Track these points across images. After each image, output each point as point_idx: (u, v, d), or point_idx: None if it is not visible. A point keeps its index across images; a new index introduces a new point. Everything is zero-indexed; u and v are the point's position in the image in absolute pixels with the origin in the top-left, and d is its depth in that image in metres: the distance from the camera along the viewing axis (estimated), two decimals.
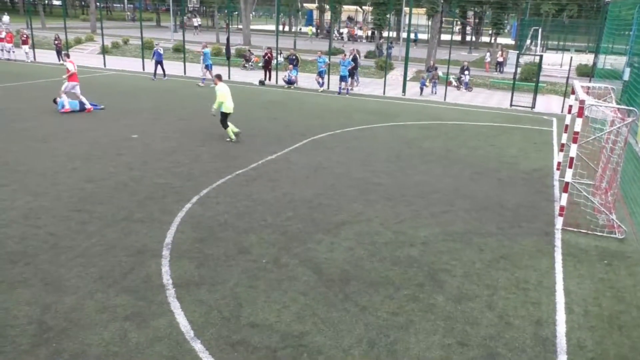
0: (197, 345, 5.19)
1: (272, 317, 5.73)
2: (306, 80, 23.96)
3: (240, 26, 50.47)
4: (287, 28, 65.05)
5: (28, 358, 4.91)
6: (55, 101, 15.80)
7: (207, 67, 22.53)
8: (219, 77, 13.44)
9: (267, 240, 7.65)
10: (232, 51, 29.41)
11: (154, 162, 11.06)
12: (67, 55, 17.24)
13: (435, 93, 22.98)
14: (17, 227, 7.64)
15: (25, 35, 29.35)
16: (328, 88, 22.78)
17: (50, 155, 11.20)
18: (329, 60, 23.48)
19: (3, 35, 29.11)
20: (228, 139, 13.15)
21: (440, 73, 24.67)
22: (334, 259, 7.15)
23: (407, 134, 15.02)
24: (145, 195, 9.12)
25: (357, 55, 24.17)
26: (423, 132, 15.38)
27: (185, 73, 25.88)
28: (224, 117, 13.11)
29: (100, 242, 7.30)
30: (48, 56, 29.48)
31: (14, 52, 28.98)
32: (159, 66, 23.58)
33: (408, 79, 24.32)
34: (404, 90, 22.78)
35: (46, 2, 76.54)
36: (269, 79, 24.51)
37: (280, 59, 27.83)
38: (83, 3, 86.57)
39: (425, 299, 6.27)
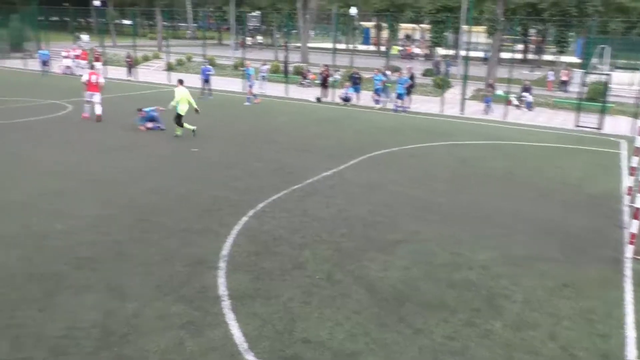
0: (251, 358, 5.24)
1: (324, 334, 5.71)
2: (363, 97, 24.02)
3: (298, 44, 51.43)
4: (344, 46, 65.71)
5: None
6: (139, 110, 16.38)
7: (250, 86, 22.95)
8: (180, 81, 15.22)
9: (321, 256, 7.66)
10: (290, 68, 29.98)
11: (212, 176, 11.37)
12: (91, 67, 18.53)
13: (492, 112, 22.44)
14: (87, 234, 8.03)
15: (98, 53, 31.18)
16: (385, 106, 22.75)
17: (116, 167, 11.75)
18: (386, 77, 23.47)
19: (79, 52, 31.10)
20: (176, 135, 14.77)
21: (500, 92, 24.09)
22: (388, 278, 7.06)
23: (466, 153, 14.71)
24: (203, 208, 9.37)
25: (414, 74, 24.04)
26: (482, 151, 15.02)
27: (242, 89, 26.54)
28: (179, 117, 14.88)
29: (161, 252, 7.55)
30: (118, 72, 31.09)
31: (85, 68, 30.80)
32: (207, 83, 23.88)
33: (467, 97, 23.91)
34: (462, 109, 22.39)
35: (117, 21, 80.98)
36: (326, 96, 24.76)
37: (337, 76, 28.06)
38: (151, 23, 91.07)
39: (482, 324, 6.06)
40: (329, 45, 61.92)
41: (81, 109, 17.53)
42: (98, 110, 16.80)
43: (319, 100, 24.27)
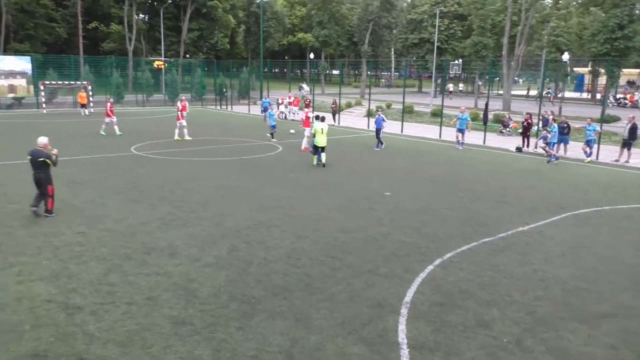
0: None
1: None
2: (571, 149, 21.94)
3: (500, 91, 49.53)
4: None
5: None
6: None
7: (461, 131, 22.83)
8: (320, 117, 17.94)
9: (510, 317, 7.05)
10: (490, 116, 28.98)
11: (402, 220, 11.42)
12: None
13: None
14: (282, 264, 8.73)
15: (308, 100, 34.34)
16: (597, 159, 20.40)
17: (314, 203, 12.60)
18: (600, 129, 21.10)
19: (292, 99, 34.70)
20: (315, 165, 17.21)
21: None
22: (590, 355, 6.15)
23: None
24: (390, 251, 9.44)
25: (637, 124, 21.14)
26: None
27: (440, 137, 26.47)
28: (315, 147, 17.48)
29: (346, 290, 7.78)
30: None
31: (296, 113, 34.11)
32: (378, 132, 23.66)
33: None
34: None
35: (327, 72, 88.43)
36: (527, 146, 23.24)
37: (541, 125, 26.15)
38: (356, 72, 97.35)
39: None
40: (535, 92, 58.40)
41: (290, 150, 19.37)
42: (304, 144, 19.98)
43: (519, 149, 22.89)
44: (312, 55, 68.44)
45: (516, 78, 61.37)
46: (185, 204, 12.26)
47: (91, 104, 35.63)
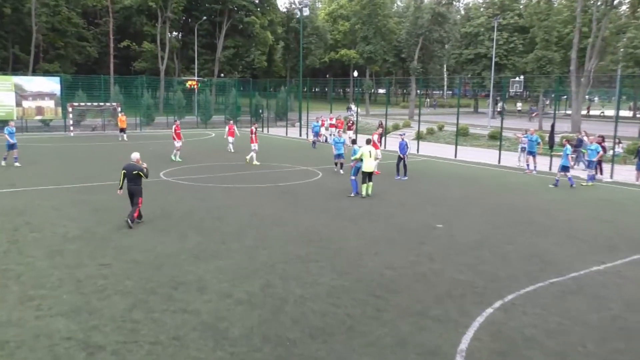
0: None
1: None
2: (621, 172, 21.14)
3: (568, 111, 48.43)
4: (630, 113, 59.40)
5: None
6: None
7: (532, 154, 22.63)
8: (367, 141, 17.73)
9: None
10: (557, 139, 28.27)
11: (456, 256, 11.16)
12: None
13: None
14: (320, 303, 8.63)
15: (351, 122, 34.50)
16: None
17: (357, 236, 12.50)
18: None
19: (334, 121, 34.86)
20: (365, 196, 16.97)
21: None
22: None
23: None
24: (443, 291, 9.20)
25: None
26: None
27: (499, 162, 25.99)
28: (363, 174, 16.98)
29: (393, 333, 7.60)
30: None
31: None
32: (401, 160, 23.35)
33: None
34: None
35: (372, 91, 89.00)
36: (601, 173, 22.48)
37: (619, 149, 25.34)
38: (404, 91, 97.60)
39: None
40: (610, 112, 56.69)
41: (331, 176, 19.41)
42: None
43: (592, 178, 22.12)
44: (355, 73, 69.19)
45: (587, 97, 59.93)
46: (216, 234, 12.40)
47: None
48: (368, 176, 16.99)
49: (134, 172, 12.82)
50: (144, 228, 12.78)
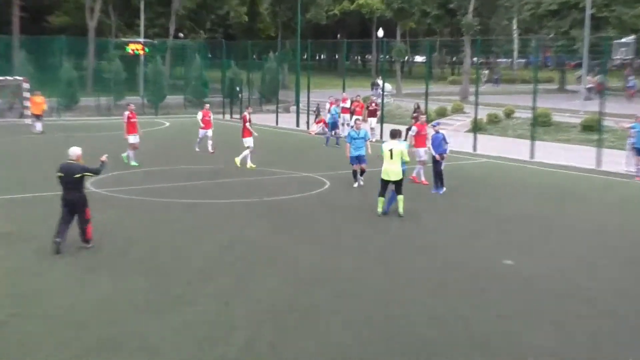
0: None
1: None
2: None
3: None
4: None
5: None
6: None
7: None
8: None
9: None
10: None
11: (535, 312, 11.05)
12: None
13: None
14: None
15: (373, 104, 34.41)
16: None
17: (383, 276, 12.46)
18: None
19: (348, 104, 34.51)
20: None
21: None
22: None
23: None
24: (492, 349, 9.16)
25: None
26: None
27: (598, 165, 25.86)
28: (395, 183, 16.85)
29: None
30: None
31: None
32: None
33: None
34: None
35: (406, 59, 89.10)
36: None
37: None
38: (454, 59, 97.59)
39: None
40: None
41: (343, 186, 19.39)
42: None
43: None
44: (381, 32, 69.23)
45: None
46: (175, 273, 12.36)
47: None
48: (394, 186, 16.92)
49: (76, 176, 13.15)
50: (60, 266, 12.73)
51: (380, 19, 76.05)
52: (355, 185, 20.99)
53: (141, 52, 50.51)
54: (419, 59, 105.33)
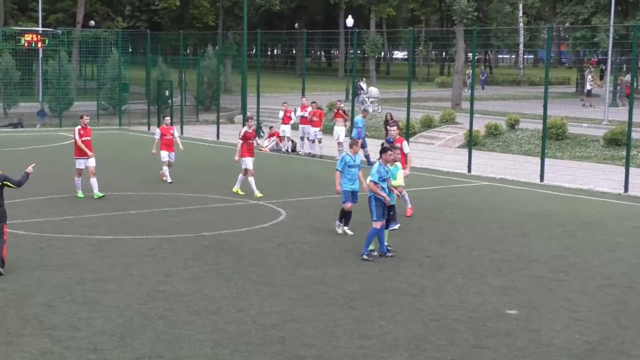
0: None
1: None
2: None
3: None
4: None
5: None
6: None
7: None
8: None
9: None
10: None
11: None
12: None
13: None
14: None
15: (339, 110, 34.52)
16: None
17: (355, 336, 12.30)
18: None
19: (307, 113, 34.61)
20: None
21: None
22: None
23: None
24: None
25: None
26: None
27: (626, 189, 26.00)
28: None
29: None
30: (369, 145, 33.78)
31: (320, 140, 34.21)
32: None
33: None
34: None
35: (383, 54, 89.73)
36: None
37: None
38: (445, 54, 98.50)
39: None
40: None
41: (299, 214, 19.24)
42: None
43: None
44: (350, 21, 69.71)
45: None
46: (79, 335, 12.14)
47: None
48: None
49: None
50: None
51: (350, 5, 76.74)
52: (339, 231, 19.57)
53: (39, 45, 50.19)
54: (398, 54, 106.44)
